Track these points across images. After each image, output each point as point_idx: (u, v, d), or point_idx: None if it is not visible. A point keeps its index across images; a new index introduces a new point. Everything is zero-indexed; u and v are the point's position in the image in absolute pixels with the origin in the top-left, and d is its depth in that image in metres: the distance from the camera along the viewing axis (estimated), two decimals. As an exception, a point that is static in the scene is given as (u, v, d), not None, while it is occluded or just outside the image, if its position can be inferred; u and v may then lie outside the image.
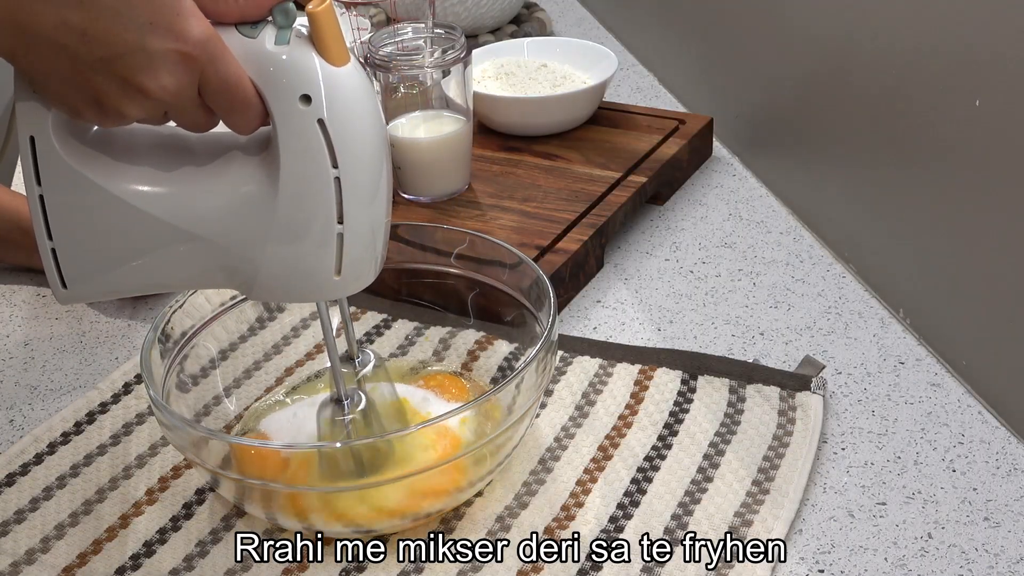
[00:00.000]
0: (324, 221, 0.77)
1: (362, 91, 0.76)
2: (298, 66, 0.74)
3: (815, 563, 0.85)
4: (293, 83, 0.74)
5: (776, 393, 0.99)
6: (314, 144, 0.75)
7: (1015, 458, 0.93)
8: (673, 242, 1.25)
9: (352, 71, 0.76)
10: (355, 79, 0.76)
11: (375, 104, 0.77)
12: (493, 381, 1.02)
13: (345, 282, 0.80)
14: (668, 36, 1.60)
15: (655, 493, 0.91)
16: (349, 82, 0.75)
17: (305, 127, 0.75)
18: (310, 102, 0.74)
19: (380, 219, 0.80)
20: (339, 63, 0.75)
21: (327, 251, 0.78)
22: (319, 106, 0.74)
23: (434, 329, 1.08)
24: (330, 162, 0.75)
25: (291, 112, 0.75)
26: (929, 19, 1.00)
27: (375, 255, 0.81)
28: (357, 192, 0.77)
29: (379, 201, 0.79)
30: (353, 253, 0.79)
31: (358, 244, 0.79)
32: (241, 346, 1.05)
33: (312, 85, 0.74)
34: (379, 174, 0.78)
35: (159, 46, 0.71)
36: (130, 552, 0.89)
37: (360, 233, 0.78)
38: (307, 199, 0.77)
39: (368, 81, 0.78)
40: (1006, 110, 0.91)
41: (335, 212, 0.77)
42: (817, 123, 1.23)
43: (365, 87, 0.77)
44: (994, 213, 0.95)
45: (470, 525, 0.89)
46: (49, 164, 0.76)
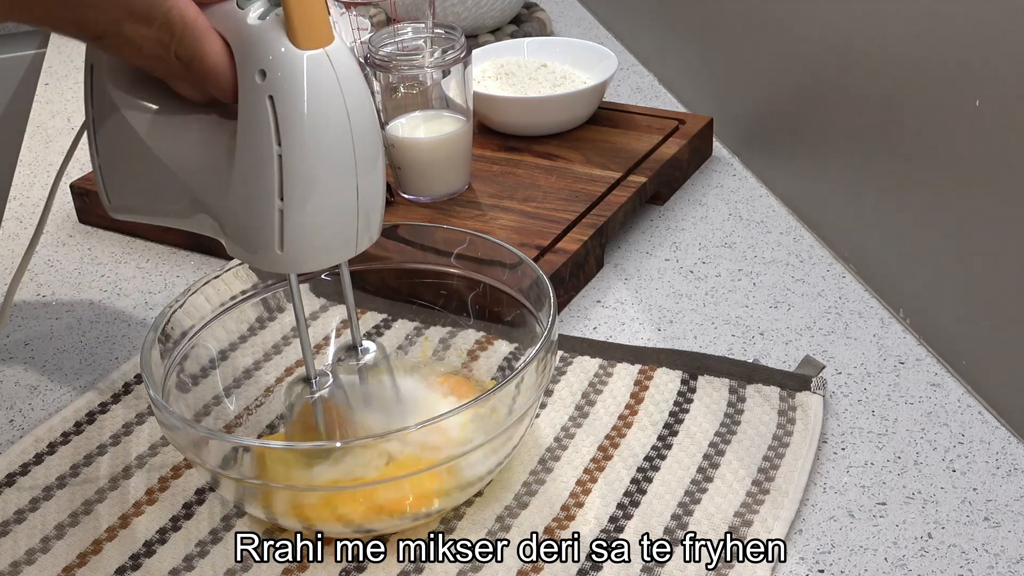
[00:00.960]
0: (267, 194, 0.79)
1: (327, 78, 0.77)
2: (261, 42, 0.77)
3: (815, 563, 0.85)
4: (254, 57, 0.77)
5: (776, 393, 0.99)
6: (262, 119, 0.77)
7: (1015, 458, 0.93)
8: (673, 242, 1.25)
9: (319, 57, 0.77)
10: (320, 65, 0.77)
11: (343, 94, 0.78)
12: (493, 381, 1.02)
13: (290, 259, 0.81)
14: (668, 36, 1.60)
15: (655, 493, 0.91)
16: (309, 66, 0.77)
17: (257, 100, 0.77)
18: (265, 77, 0.77)
19: (331, 206, 0.80)
20: (306, 46, 0.77)
21: (270, 224, 0.80)
22: (271, 83, 0.77)
23: (434, 329, 1.08)
24: (275, 139, 0.77)
25: (250, 85, 0.77)
26: (929, 19, 1.00)
27: (328, 241, 0.82)
28: (300, 174, 0.78)
29: (331, 189, 0.80)
30: (295, 232, 0.80)
31: (302, 224, 0.80)
32: (241, 346, 1.05)
33: (268, 62, 0.77)
34: (334, 162, 0.79)
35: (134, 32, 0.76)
36: (130, 552, 0.89)
37: (304, 214, 0.80)
38: (252, 169, 0.79)
39: (349, 72, 0.78)
40: (1006, 110, 0.91)
41: (276, 188, 0.79)
42: (817, 123, 1.23)
43: (332, 76, 0.78)
44: (994, 213, 0.95)
45: (470, 525, 0.89)
46: (99, 92, 0.86)
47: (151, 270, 1.27)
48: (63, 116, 1.70)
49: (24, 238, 1.36)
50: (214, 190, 0.84)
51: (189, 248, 1.30)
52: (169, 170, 0.86)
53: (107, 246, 1.32)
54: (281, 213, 0.79)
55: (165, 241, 1.31)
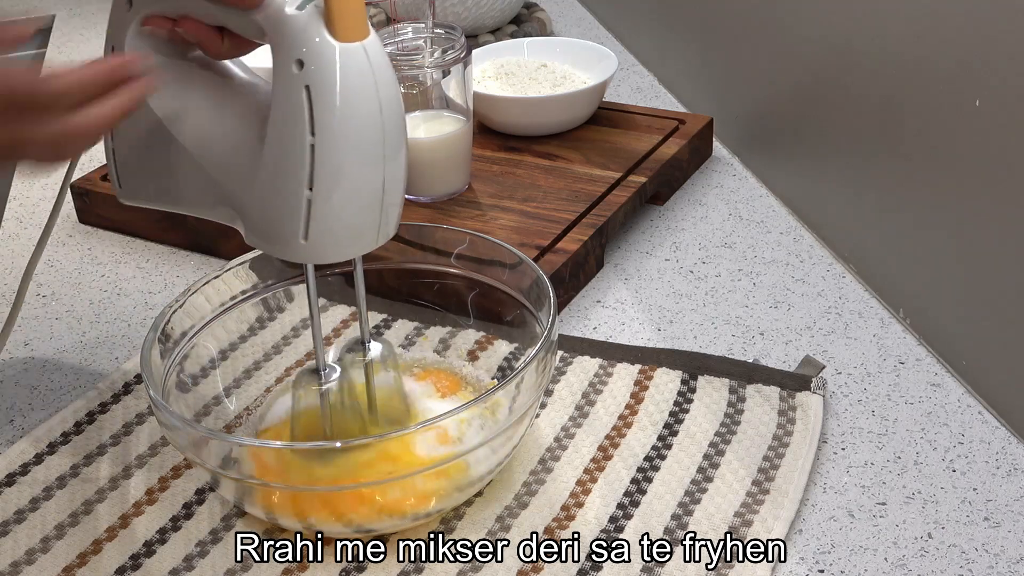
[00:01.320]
0: (295, 184, 0.80)
1: (362, 71, 0.78)
2: (299, 31, 0.78)
3: (815, 563, 0.85)
4: (292, 46, 0.78)
5: (776, 393, 0.99)
6: (297, 108, 0.78)
7: (1015, 458, 0.93)
8: (673, 242, 1.25)
9: (356, 50, 0.78)
10: (356, 58, 0.78)
11: (377, 88, 0.79)
12: (493, 381, 1.02)
13: (312, 249, 0.82)
14: (668, 36, 1.60)
15: (655, 493, 0.91)
16: (347, 59, 0.78)
17: (293, 89, 0.78)
18: (302, 67, 0.77)
19: (357, 199, 0.81)
20: (344, 38, 0.77)
21: (296, 213, 0.81)
22: (308, 73, 0.77)
23: (434, 329, 1.08)
24: (309, 128, 0.78)
25: (286, 73, 0.78)
26: (929, 19, 1.00)
27: (351, 233, 0.82)
28: (331, 164, 0.79)
29: (358, 181, 0.80)
30: (321, 223, 0.81)
31: (327, 215, 0.81)
32: (241, 346, 1.05)
33: (306, 52, 0.77)
34: (364, 155, 0.80)
35: None
36: (130, 552, 0.89)
37: (330, 205, 0.80)
38: (283, 158, 0.80)
39: (383, 67, 0.79)
40: (1006, 110, 0.91)
41: (307, 177, 0.79)
42: (817, 123, 1.23)
43: (368, 69, 0.78)
44: (994, 213, 0.95)
45: (470, 525, 0.89)
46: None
47: (151, 270, 1.27)
48: (63, 116, 1.69)
49: (24, 238, 1.36)
50: (238, 178, 0.84)
51: (189, 248, 1.30)
52: (191, 158, 0.87)
53: (107, 246, 1.32)
54: (309, 203, 0.80)
55: (165, 241, 1.31)
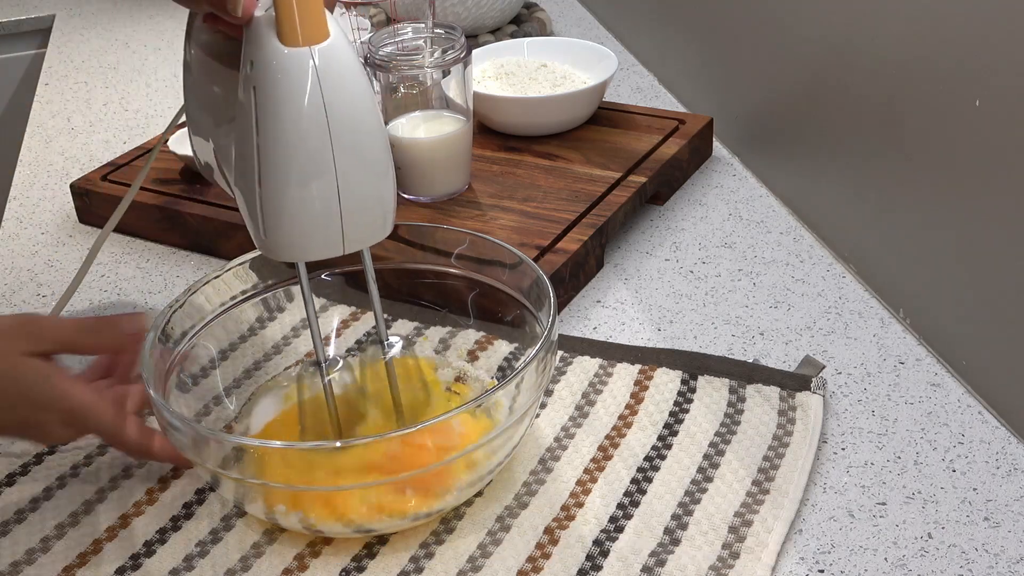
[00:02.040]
0: (251, 180, 0.81)
1: (302, 76, 0.78)
2: (253, 34, 0.79)
3: (815, 563, 0.85)
4: (248, 46, 0.79)
5: (776, 393, 0.99)
6: (247, 107, 0.79)
7: (1015, 458, 0.93)
8: (673, 242, 1.25)
9: (300, 54, 0.78)
10: (297, 62, 0.78)
11: (323, 94, 0.78)
12: (493, 381, 1.02)
13: (274, 246, 0.83)
14: (668, 36, 1.60)
15: (655, 493, 0.91)
16: (286, 63, 0.78)
17: (247, 88, 0.79)
18: (252, 68, 0.79)
19: (307, 202, 0.81)
20: (290, 42, 0.78)
21: (254, 208, 0.82)
22: (255, 74, 0.78)
23: (434, 329, 1.08)
24: (255, 128, 0.79)
25: (243, 73, 0.80)
26: (929, 19, 1.00)
27: (307, 235, 0.82)
28: (273, 165, 0.79)
29: (304, 185, 0.80)
30: (273, 221, 0.82)
31: (278, 215, 0.81)
32: (241, 346, 1.05)
33: (256, 54, 0.78)
34: (307, 159, 0.80)
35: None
36: (130, 552, 0.89)
37: (279, 205, 0.81)
38: (241, 154, 0.82)
39: (336, 72, 0.79)
40: (1006, 110, 0.91)
41: (256, 175, 0.80)
42: (817, 123, 1.23)
43: (311, 75, 0.78)
44: (994, 213, 0.95)
45: (470, 525, 0.89)
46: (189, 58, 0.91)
47: (151, 270, 1.27)
48: (63, 116, 1.70)
49: (24, 238, 1.36)
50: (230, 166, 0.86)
51: (189, 248, 1.30)
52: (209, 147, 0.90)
53: (107, 246, 1.32)
54: (261, 200, 0.81)
55: (165, 241, 1.31)
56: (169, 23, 2.07)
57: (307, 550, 0.88)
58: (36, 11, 2.16)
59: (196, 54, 0.91)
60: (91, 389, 0.89)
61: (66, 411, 0.87)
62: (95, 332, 0.92)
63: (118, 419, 0.89)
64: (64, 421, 0.88)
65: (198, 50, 0.90)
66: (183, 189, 1.32)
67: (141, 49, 1.97)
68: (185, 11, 0.87)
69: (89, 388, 0.89)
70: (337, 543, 0.89)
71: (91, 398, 0.88)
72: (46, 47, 2.04)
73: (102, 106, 1.73)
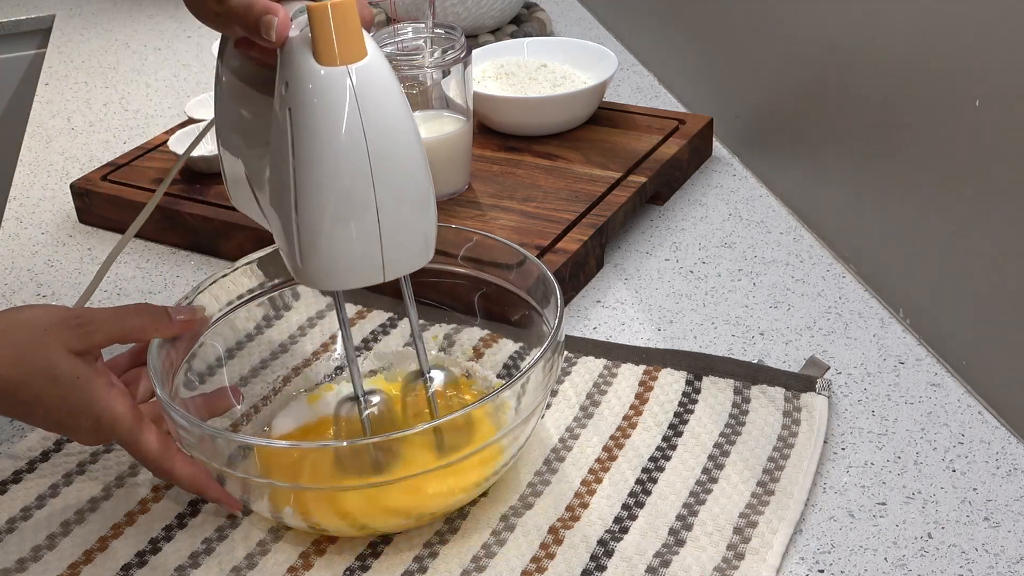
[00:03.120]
0: (288, 206, 0.79)
1: (338, 96, 0.76)
2: (289, 53, 0.77)
3: (815, 563, 0.85)
4: (283, 67, 0.78)
5: (781, 394, 0.99)
6: (283, 129, 0.77)
7: (1015, 458, 0.94)
8: (673, 242, 1.26)
9: (337, 74, 0.76)
10: (334, 82, 0.76)
11: (361, 114, 0.77)
12: (499, 381, 1.02)
13: (311, 274, 0.81)
14: (668, 36, 1.61)
15: (660, 494, 0.91)
16: (322, 83, 0.76)
17: (282, 110, 0.78)
18: (287, 89, 0.77)
19: (345, 227, 0.79)
20: (326, 62, 0.76)
21: (290, 236, 0.80)
22: (291, 95, 0.77)
23: (439, 327, 1.08)
24: (291, 151, 0.77)
25: (278, 93, 0.78)
26: (929, 19, 1.00)
27: (345, 263, 0.80)
28: (311, 189, 0.77)
29: (343, 208, 0.78)
30: (310, 248, 0.79)
31: (315, 242, 0.79)
32: (248, 344, 1.05)
33: (291, 74, 0.77)
34: (346, 182, 0.77)
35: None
36: (136, 550, 0.89)
37: (316, 231, 0.79)
38: (277, 179, 0.79)
39: (373, 92, 0.77)
40: (1006, 110, 0.92)
41: (293, 200, 0.78)
42: (817, 123, 1.23)
43: (349, 95, 0.76)
44: (994, 213, 0.96)
45: (475, 525, 0.90)
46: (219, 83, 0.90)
47: (151, 270, 1.27)
48: (63, 116, 1.70)
49: (24, 238, 1.36)
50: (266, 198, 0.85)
51: (189, 248, 1.30)
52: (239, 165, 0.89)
53: (107, 246, 1.32)
54: (298, 227, 0.79)
55: (165, 241, 1.32)
56: (169, 23, 2.07)
57: (312, 548, 0.88)
58: (36, 11, 2.16)
59: (228, 79, 0.89)
60: (125, 400, 0.88)
61: (95, 419, 0.87)
62: (148, 320, 0.91)
63: (146, 437, 0.88)
64: (93, 428, 0.87)
65: (230, 75, 0.89)
66: (183, 189, 1.32)
67: (141, 49, 1.97)
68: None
69: (124, 399, 0.88)
70: (342, 542, 0.89)
71: (121, 411, 0.87)
72: (46, 47, 2.04)
73: (102, 106, 1.73)
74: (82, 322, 0.88)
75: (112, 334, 0.89)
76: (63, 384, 0.86)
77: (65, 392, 0.86)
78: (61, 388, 0.86)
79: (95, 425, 0.87)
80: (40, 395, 0.86)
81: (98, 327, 0.88)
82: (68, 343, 0.87)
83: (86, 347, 0.87)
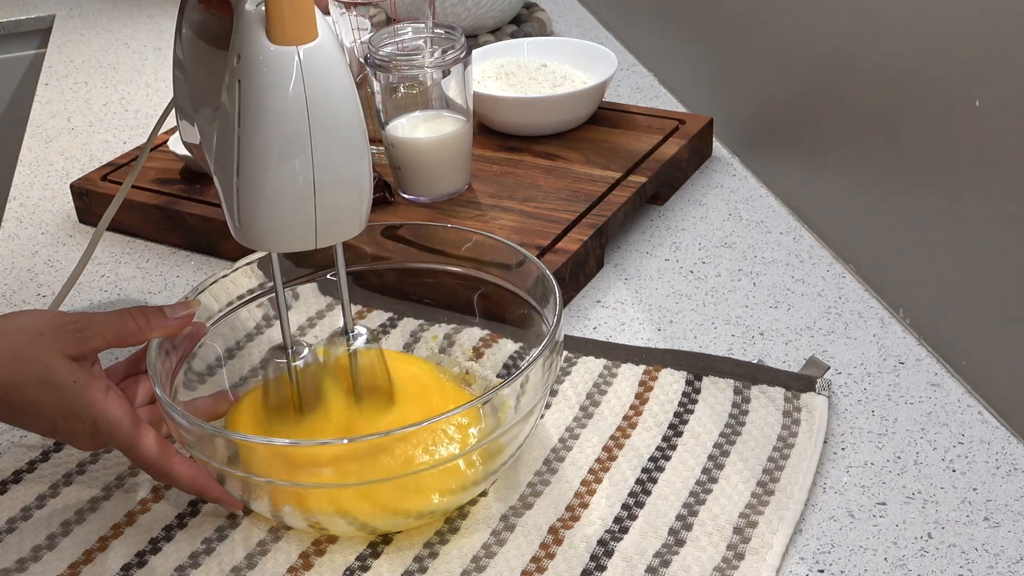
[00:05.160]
0: (230, 170, 0.82)
1: (286, 75, 0.79)
2: (242, 28, 0.80)
3: (815, 563, 0.85)
4: (236, 40, 0.80)
5: (781, 394, 0.99)
6: (232, 98, 0.80)
7: (1015, 458, 0.94)
8: (673, 242, 1.26)
9: (286, 53, 0.79)
10: (283, 61, 0.79)
11: (306, 93, 0.80)
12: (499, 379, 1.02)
13: (248, 235, 0.84)
14: (668, 36, 1.61)
15: (660, 494, 0.91)
16: (272, 60, 0.79)
17: (232, 81, 0.80)
18: (239, 61, 0.80)
19: (282, 196, 0.82)
20: (278, 41, 0.78)
21: (231, 198, 0.83)
22: (241, 68, 0.79)
23: (438, 327, 1.08)
24: (236, 120, 0.80)
25: (229, 63, 0.81)
26: (929, 20, 1.00)
27: (280, 227, 0.83)
28: (252, 157, 0.81)
29: (281, 178, 0.81)
30: (248, 212, 0.83)
31: (252, 206, 0.82)
32: (248, 345, 1.05)
33: (243, 48, 0.79)
34: (286, 155, 0.81)
35: None
36: (136, 549, 0.89)
37: (254, 197, 0.82)
38: (222, 142, 0.83)
39: (321, 73, 0.80)
40: (1006, 110, 0.92)
41: (235, 166, 0.81)
42: (817, 123, 1.23)
43: (295, 74, 0.79)
44: (994, 213, 0.96)
45: (475, 524, 0.90)
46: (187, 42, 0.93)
47: (151, 270, 1.27)
48: (63, 116, 1.70)
49: (24, 238, 1.36)
50: (214, 160, 0.88)
51: (189, 248, 1.30)
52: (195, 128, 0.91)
53: (107, 246, 1.32)
54: (237, 191, 0.82)
55: (165, 241, 1.32)
56: (169, 23, 2.07)
57: (312, 548, 0.89)
58: (36, 11, 2.16)
59: (187, 35, 0.92)
60: (123, 404, 0.88)
61: (91, 423, 0.87)
62: (144, 322, 0.91)
63: (144, 440, 0.88)
64: (90, 433, 0.87)
65: (189, 31, 0.92)
66: (183, 189, 1.32)
67: (141, 49, 1.97)
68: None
69: (121, 403, 0.88)
70: (342, 542, 0.89)
71: (119, 415, 0.87)
72: (46, 47, 2.04)
73: (102, 106, 1.73)
74: (79, 327, 0.88)
75: (109, 338, 0.89)
76: (60, 389, 0.86)
77: (62, 397, 0.86)
78: (58, 393, 0.86)
79: (92, 430, 0.87)
80: (36, 400, 0.86)
81: (95, 331, 0.88)
82: (65, 348, 0.87)
83: (83, 352, 0.88)
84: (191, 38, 0.92)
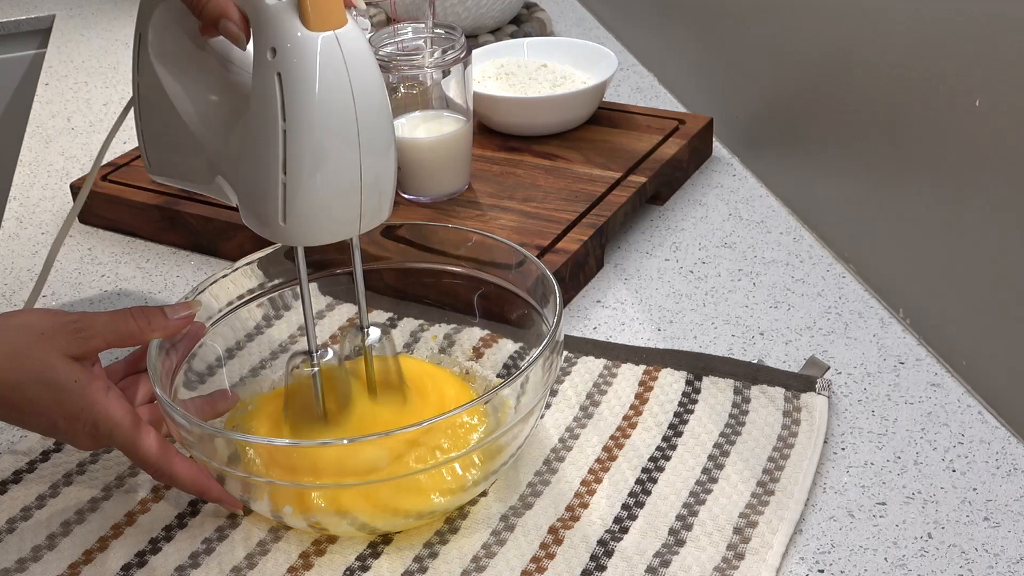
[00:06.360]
0: (273, 167, 0.82)
1: (332, 59, 0.80)
2: (272, 21, 0.80)
3: (815, 563, 0.86)
4: (266, 34, 0.80)
5: (781, 394, 0.99)
6: (271, 94, 0.80)
7: (1015, 458, 0.94)
8: (673, 242, 1.26)
9: (327, 39, 0.79)
10: (326, 47, 0.79)
11: (350, 76, 0.80)
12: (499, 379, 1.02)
13: (293, 231, 0.84)
14: (668, 36, 1.61)
15: (660, 494, 0.91)
16: (315, 47, 0.79)
17: (267, 76, 0.80)
18: (275, 55, 0.80)
19: (333, 183, 0.82)
20: (315, 27, 0.79)
21: (274, 196, 0.83)
22: (279, 60, 0.79)
23: (439, 327, 1.08)
24: (280, 114, 0.80)
25: (262, 60, 0.81)
26: (929, 19, 1.00)
27: (330, 217, 0.84)
28: (303, 149, 0.81)
29: (333, 166, 0.82)
30: (297, 206, 0.82)
31: (303, 199, 0.82)
32: (248, 344, 1.05)
33: (278, 40, 0.80)
34: (337, 141, 0.81)
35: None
36: (136, 549, 0.89)
37: (305, 189, 0.82)
38: (262, 142, 0.82)
39: (358, 56, 0.81)
40: (1006, 110, 0.92)
41: (281, 162, 0.81)
42: (817, 123, 1.23)
43: (339, 58, 0.80)
44: (994, 213, 0.96)
45: (475, 525, 0.90)
46: (143, 58, 0.92)
47: (151, 270, 1.27)
48: (63, 116, 1.70)
49: (24, 238, 1.36)
50: (231, 160, 0.87)
51: (189, 248, 1.30)
52: (193, 135, 0.91)
53: (107, 246, 1.32)
54: (284, 187, 0.82)
55: (165, 241, 1.32)
56: (168, 22, 2.07)
57: (312, 548, 0.89)
58: (36, 11, 2.15)
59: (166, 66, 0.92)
60: (123, 404, 0.88)
61: (92, 423, 0.87)
62: (144, 322, 0.91)
63: (144, 440, 0.88)
64: (90, 432, 0.87)
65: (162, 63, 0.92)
66: (183, 189, 1.32)
67: (140, 48, 1.96)
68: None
69: (121, 403, 0.88)
70: (342, 542, 0.89)
71: (119, 414, 0.87)
72: (46, 47, 2.04)
73: (102, 106, 1.73)
74: (79, 327, 0.88)
75: (109, 338, 0.89)
76: (60, 389, 0.86)
77: (62, 397, 0.86)
78: (58, 393, 0.86)
79: (93, 430, 0.87)
80: (36, 400, 0.86)
81: (95, 331, 0.88)
82: (65, 348, 0.87)
83: (83, 351, 0.87)
84: (174, 65, 0.92)
